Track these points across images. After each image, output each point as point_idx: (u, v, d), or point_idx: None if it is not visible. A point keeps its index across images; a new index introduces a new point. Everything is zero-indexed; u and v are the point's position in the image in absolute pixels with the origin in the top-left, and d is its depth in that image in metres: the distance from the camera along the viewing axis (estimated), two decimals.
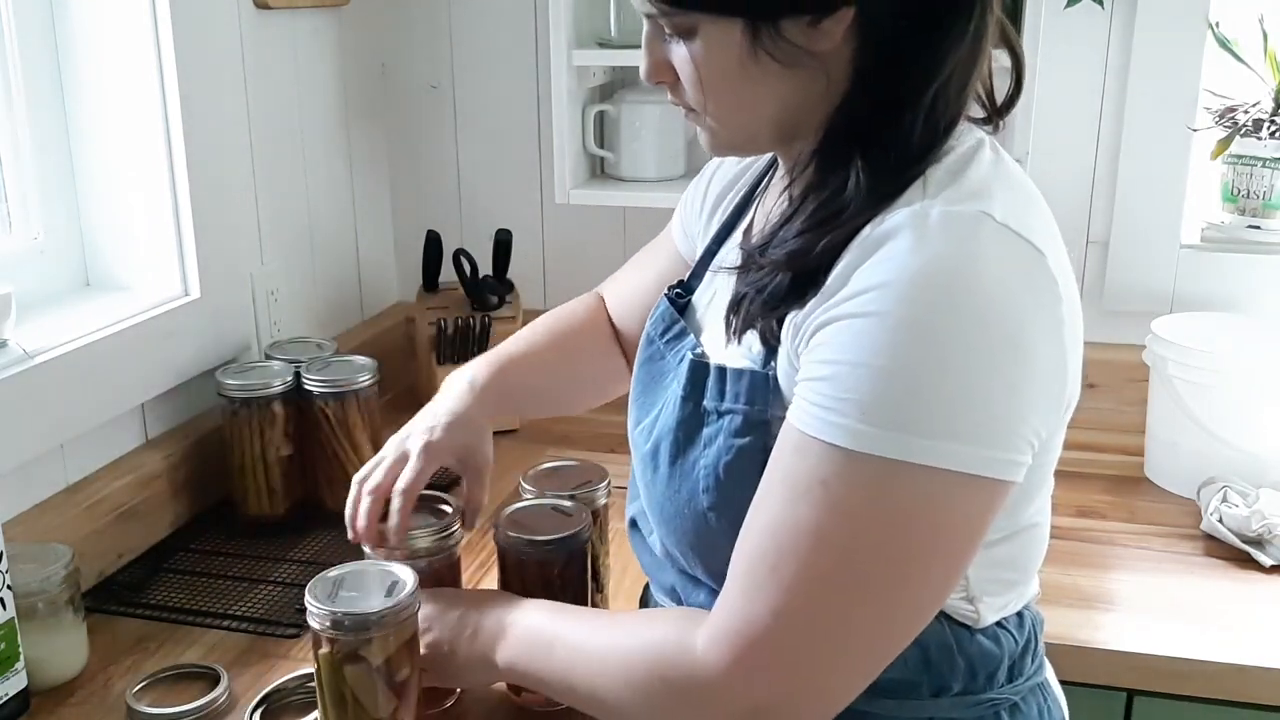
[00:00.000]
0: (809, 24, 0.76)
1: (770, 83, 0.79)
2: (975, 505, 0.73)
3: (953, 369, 0.70)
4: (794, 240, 0.78)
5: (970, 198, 0.74)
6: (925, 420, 0.70)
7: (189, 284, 1.41)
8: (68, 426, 1.23)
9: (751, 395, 0.82)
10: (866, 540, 0.72)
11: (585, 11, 1.64)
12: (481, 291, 1.69)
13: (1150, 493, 1.51)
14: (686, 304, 0.99)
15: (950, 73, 0.77)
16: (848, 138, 0.79)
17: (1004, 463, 0.72)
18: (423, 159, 1.92)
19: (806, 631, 0.73)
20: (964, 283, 0.71)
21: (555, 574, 1.01)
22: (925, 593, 0.75)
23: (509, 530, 1.02)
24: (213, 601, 1.23)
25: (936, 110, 0.77)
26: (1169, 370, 1.48)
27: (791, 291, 0.78)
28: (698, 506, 0.84)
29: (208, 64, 1.40)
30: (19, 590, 1.03)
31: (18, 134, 1.32)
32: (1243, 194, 1.63)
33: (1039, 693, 0.91)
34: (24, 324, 1.22)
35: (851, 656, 0.75)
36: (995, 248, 0.72)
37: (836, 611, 0.73)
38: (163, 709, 1.03)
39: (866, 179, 0.76)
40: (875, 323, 0.71)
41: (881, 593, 0.73)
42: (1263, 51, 1.61)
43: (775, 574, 0.73)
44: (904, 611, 0.75)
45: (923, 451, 0.69)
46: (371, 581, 0.91)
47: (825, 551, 0.72)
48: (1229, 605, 1.25)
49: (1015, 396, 0.72)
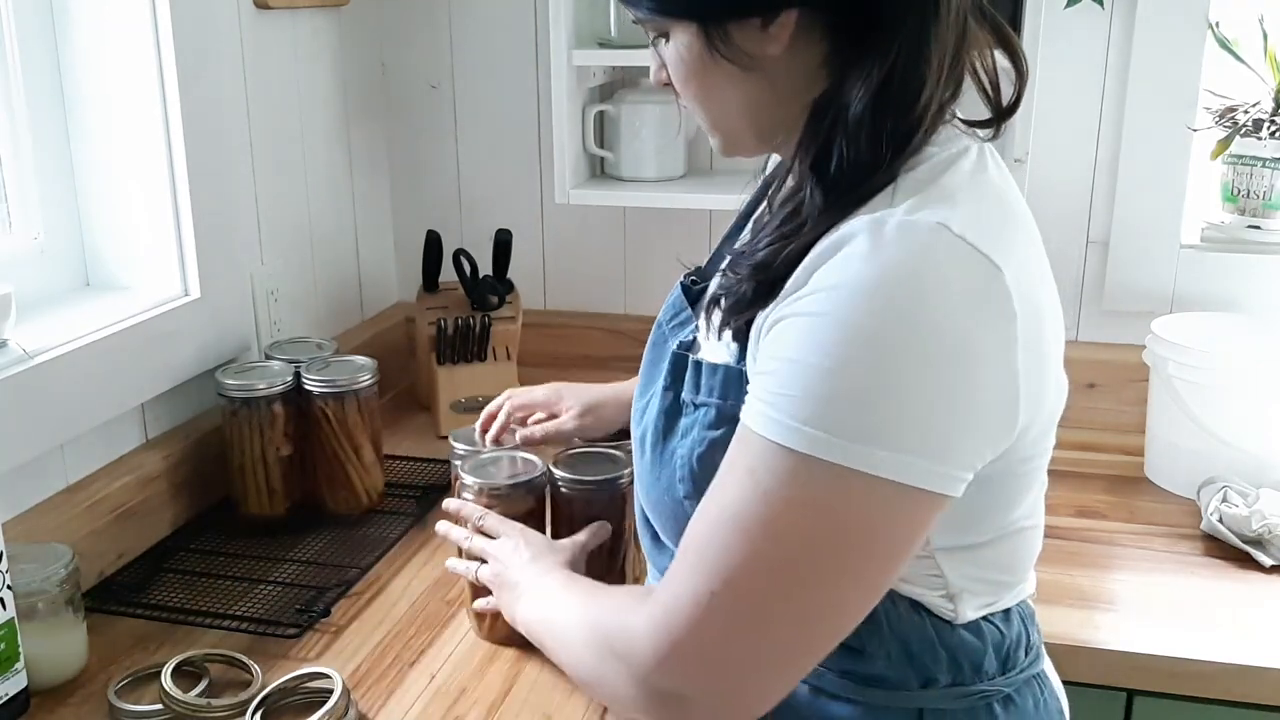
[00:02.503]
0: (758, 28, 0.78)
1: (730, 84, 0.82)
2: (901, 513, 0.73)
3: (888, 375, 0.70)
4: (761, 251, 0.80)
5: (934, 205, 0.74)
6: (855, 424, 0.70)
7: (189, 284, 1.41)
8: (68, 426, 1.23)
9: (725, 389, 0.84)
10: (786, 533, 0.73)
11: (585, 11, 1.64)
12: (481, 291, 1.69)
13: (1150, 493, 1.51)
14: (702, 291, 0.99)
15: (885, 80, 0.75)
16: (808, 145, 0.80)
17: (941, 476, 0.72)
18: (423, 159, 1.92)
19: (724, 615, 0.75)
20: (910, 291, 0.71)
21: (598, 513, 1.14)
22: (845, 597, 0.75)
23: (560, 470, 1.16)
24: (213, 601, 1.23)
25: (880, 118, 0.76)
26: (1169, 370, 1.48)
27: (755, 299, 0.80)
28: (675, 494, 0.87)
29: (208, 64, 1.40)
30: (19, 590, 1.03)
31: (18, 134, 1.32)
32: (1243, 194, 1.63)
33: (1035, 684, 0.91)
34: (24, 324, 1.22)
35: (766, 649, 0.76)
36: (947, 260, 0.72)
37: (753, 599, 0.74)
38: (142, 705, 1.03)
39: (818, 191, 0.77)
40: (819, 322, 0.72)
41: (800, 587, 0.74)
42: (1263, 51, 1.61)
43: (701, 556, 0.75)
44: (824, 610, 0.75)
45: (847, 454, 0.70)
46: (503, 467, 1.19)
47: (746, 538, 0.73)
48: (1229, 605, 1.25)
49: (957, 410, 0.72)
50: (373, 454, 1.43)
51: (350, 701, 1.03)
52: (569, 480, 1.16)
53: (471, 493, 1.15)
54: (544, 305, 1.92)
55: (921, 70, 0.76)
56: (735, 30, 0.79)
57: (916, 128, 0.77)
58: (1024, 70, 0.85)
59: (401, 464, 1.59)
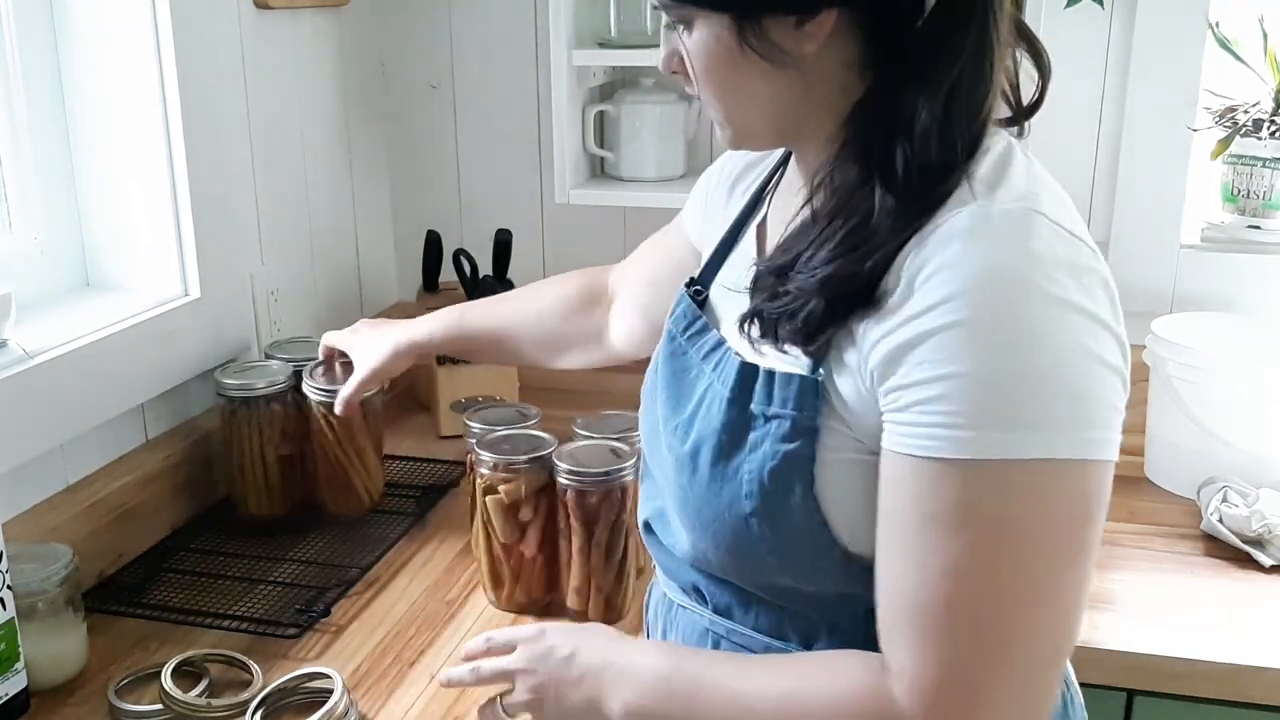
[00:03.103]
0: (794, 25, 0.76)
1: (760, 80, 0.80)
2: (1104, 485, 0.74)
3: (1050, 358, 0.70)
4: (825, 267, 0.77)
5: (1019, 197, 0.75)
6: (1047, 413, 0.70)
7: (189, 284, 1.41)
8: (68, 426, 1.23)
9: (800, 400, 0.80)
10: (1030, 548, 0.72)
11: (585, 11, 1.64)
12: (481, 291, 1.68)
13: (1150, 493, 1.51)
14: (705, 299, 0.97)
15: (957, 81, 0.76)
16: (861, 150, 0.78)
17: (1112, 443, 0.74)
18: (423, 159, 1.92)
19: (1006, 662, 0.73)
20: (1034, 273, 0.71)
21: (597, 506, 1.15)
22: (1085, 582, 0.75)
23: (561, 461, 1.17)
24: (213, 601, 1.23)
25: (951, 121, 0.76)
26: (1169, 370, 1.48)
27: (828, 316, 0.77)
28: (739, 511, 0.83)
29: (208, 64, 1.40)
30: (19, 590, 1.03)
31: (18, 134, 1.32)
32: (1243, 194, 1.63)
33: (1063, 682, 0.91)
34: (24, 324, 1.22)
35: (1046, 666, 0.75)
36: (1054, 241, 0.73)
37: (1025, 629, 0.73)
38: (142, 705, 1.03)
39: (891, 201, 0.75)
40: (963, 331, 0.70)
41: (1053, 593, 0.73)
42: (1263, 51, 1.61)
43: (958, 613, 0.72)
44: (1073, 602, 0.75)
45: (1053, 445, 0.70)
46: (517, 444, 1.21)
47: (1001, 574, 0.72)
48: (1229, 605, 1.25)
49: (1106, 380, 0.73)
50: (375, 458, 1.43)
51: (350, 701, 1.03)
52: (570, 472, 1.16)
53: (487, 468, 1.19)
54: None
55: (987, 74, 0.77)
56: (770, 25, 0.77)
57: (983, 130, 0.78)
58: (1047, 67, 0.84)
59: (401, 464, 1.59)
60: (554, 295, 1.29)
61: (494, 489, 1.19)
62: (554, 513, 1.19)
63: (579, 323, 1.26)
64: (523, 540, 1.20)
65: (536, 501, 1.19)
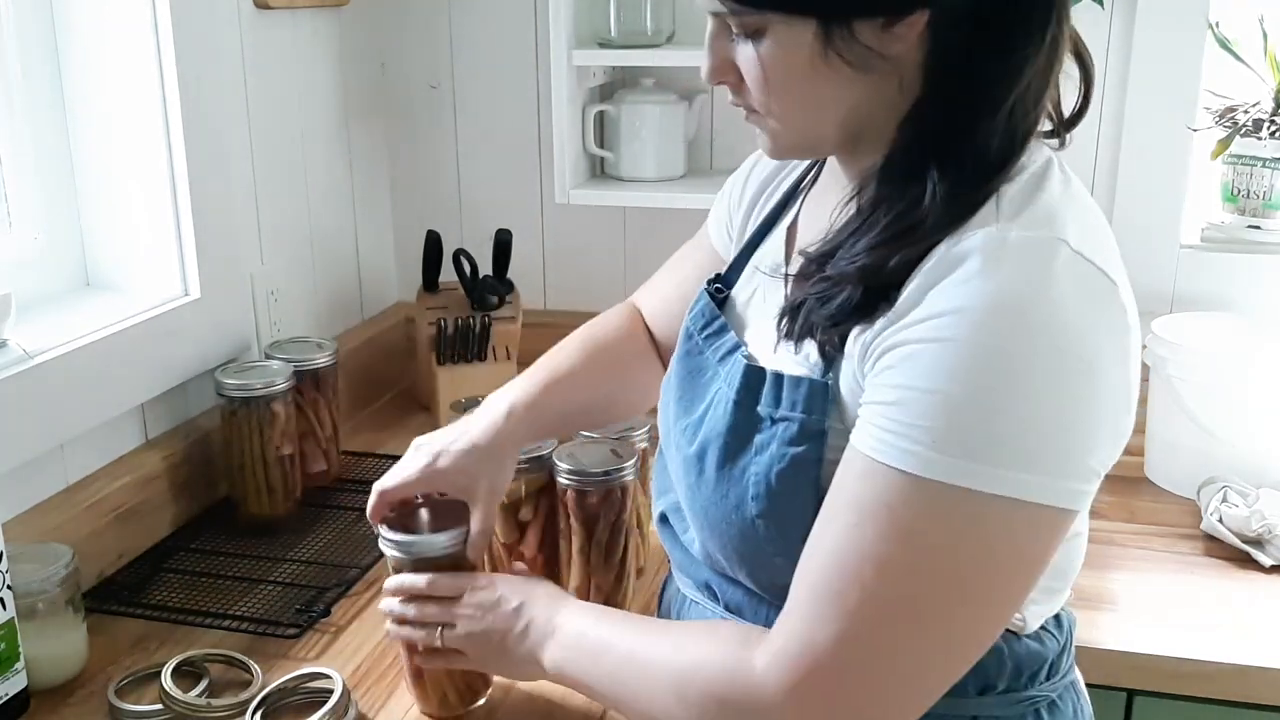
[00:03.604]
0: (882, 26, 0.74)
1: (840, 85, 0.77)
2: (1042, 534, 0.72)
3: (1027, 397, 0.69)
4: (866, 254, 0.76)
5: (1045, 222, 0.73)
6: (997, 449, 0.69)
7: (189, 284, 1.41)
8: (68, 426, 1.23)
9: (809, 404, 0.80)
10: (931, 568, 0.71)
11: (585, 11, 1.64)
12: (481, 291, 1.69)
13: (1150, 493, 1.51)
14: (725, 299, 0.97)
15: (1028, 82, 0.75)
16: (922, 148, 0.77)
17: (1072, 492, 0.72)
18: (423, 159, 1.92)
19: (867, 659, 0.73)
20: (1040, 310, 0.70)
21: (596, 506, 1.13)
22: (988, 621, 0.75)
23: (561, 461, 1.14)
24: (213, 601, 1.23)
25: (1014, 120, 0.76)
26: (1169, 370, 1.47)
27: (861, 306, 0.76)
28: (746, 513, 0.83)
29: (208, 64, 1.40)
30: (19, 590, 1.03)
31: (18, 134, 1.32)
32: (1243, 194, 1.63)
33: (1072, 690, 0.92)
34: (24, 324, 1.22)
35: (911, 684, 0.74)
36: (1070, 276, 0.72)
37: (898, 639, 0.72)
38: (142, 705, 1.03)
39: (944, 191, 0.74)
40: (949, 349, 0.70)
41: (945, 621, 0.73)
42: (1263, 51, 1.61)
43: (839, 599, 0.73)
44: (965, 640, 0.74)
45: (994, 481, 0.69)
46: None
47: (889, 578, 0.72)
48: (1229, 605, 1.25)
49: (1085, 425, 0.71)
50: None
51: (350, 701, 1.03)
52: (570, 472, 1.16)
53: None
54: (544, 305, 1.92)
55: (1049, 78, 0.77)
56: (859, 28, 0.74)
57: (1025, 141, 0.78)
58: (1091, 73, 0.84)
59: None
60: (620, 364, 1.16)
61: None
62: (554, 513, 1.19)
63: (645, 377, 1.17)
64: (522, 540, 1.20)
65: (536, 501, 1.19)
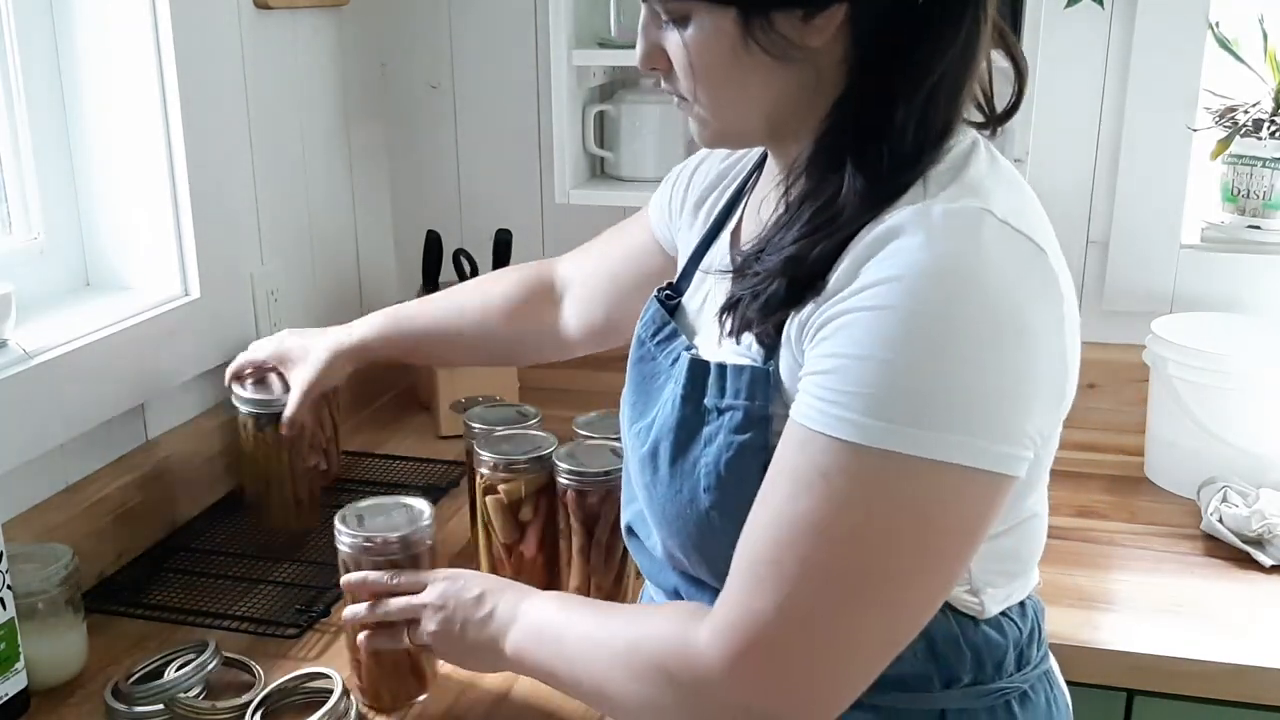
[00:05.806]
0: (801, 19, 0.76)
1: (761, 75, 0.79)
2: (979, 499, 0.73)
3: (960, 363, 0.70)
4: (790, 246, 0.78)
5: (970, 194, 0.75)
6: (931, 414, 0.70)
7: (189, 284, 1.41)
8: (68, 426, 1.23)
9: (752, 390, 0.81)
10: (868, 534, 0.72)
11: (585, 11, 1.64)
12: None
13: (1150, 493, 1.51)
14: (676, 305, 0.98)
15: (942, 75, 0.77)
16: (841, 141, 0.79)
17: (1009, 457, 0.72)
18: (423, 159, 1.92)
19: (807, 626, 0.73)
20: (971, 277, 0.71)
21: (596, 506, 1.15)
22: (927, 589, 0.75)
23: (561, 461, 1.17)
24: (213, 601, 1.23)
25: (930, 113, 0.77)
26: (1169, 370, 1.48)
27: (788, 297, 0.78)
28: (699, 506, 0.84)
29: (208, 64, 1.40)
30: (19, 590, 1.03)
31: (18, 134, 1.32)
32: (1243, 194, 1.63)
33: (1045, 681, 0.91)
34: (24, 324, 1.22)
35: (851, 653, 0.75)
36: (999, 243, 0.73)
37: (837, 606, 0.73)
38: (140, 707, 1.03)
39: (860, 183, 0.76)
40: (882, 316, 0.71)
41: (883, 588, 0.73)
42: (1263, 51, 1.61)
43: (777, 568, 0.73)
44: (906, 608, 0.75)
45: (929, 445, 0.70)
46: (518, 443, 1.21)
47: (826, 545, 0.72)
48: (1229, 605, 1.25)
49: (1020, 390, 0.72)
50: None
51: (350, 701, 1.03)
52: (570, 472, 1.16)
53: (487, 468, 1.19)
54: None
55: (971, 69, 0.78)
56: (778, 18, 0.76)
57: (954, 124, 0.79)
58: (1024, 70, 0.85)
59: (402, 464, 1.59)
60: (499, 294, 1.26)
61: (494, 489, 1.19)
62: (554, 513, 1.19)
63: (529, 321, 1.25)
64: (523, 540, 1.20)
65: (536, 501, 1.19)
